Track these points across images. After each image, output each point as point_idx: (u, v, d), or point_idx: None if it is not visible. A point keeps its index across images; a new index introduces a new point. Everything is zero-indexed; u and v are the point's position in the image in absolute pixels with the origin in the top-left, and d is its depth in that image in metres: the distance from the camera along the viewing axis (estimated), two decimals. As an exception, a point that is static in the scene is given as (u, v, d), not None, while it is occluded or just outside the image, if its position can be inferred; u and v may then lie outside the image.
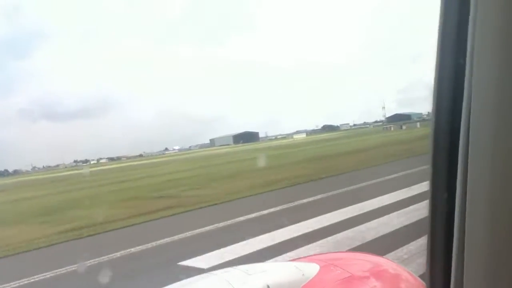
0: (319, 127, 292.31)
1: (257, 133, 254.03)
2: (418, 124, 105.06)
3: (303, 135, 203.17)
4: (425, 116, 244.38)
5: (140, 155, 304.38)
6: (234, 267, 2.58)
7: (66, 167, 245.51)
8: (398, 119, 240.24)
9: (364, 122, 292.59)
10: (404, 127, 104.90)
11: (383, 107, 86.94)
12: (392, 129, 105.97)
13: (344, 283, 2.48)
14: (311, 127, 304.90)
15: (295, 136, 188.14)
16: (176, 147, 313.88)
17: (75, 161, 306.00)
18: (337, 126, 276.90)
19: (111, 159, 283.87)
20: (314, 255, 3.29)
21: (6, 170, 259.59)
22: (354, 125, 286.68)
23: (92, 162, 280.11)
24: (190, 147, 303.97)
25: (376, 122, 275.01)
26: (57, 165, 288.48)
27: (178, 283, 2.40)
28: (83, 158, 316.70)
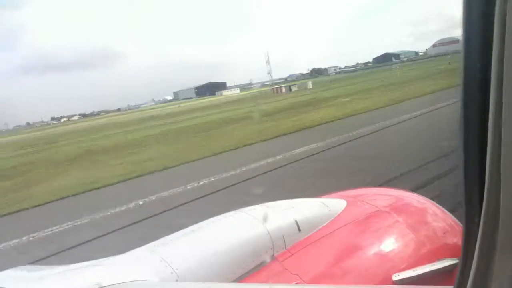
0: (309, 70, 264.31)
1: (223, 83, 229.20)
2: (310, 83, 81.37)
3: (237, 91, 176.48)
4: (421, 54, 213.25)
5: (118, 109, 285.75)
6: (261, 204, 2.58)
7: (42, 125, 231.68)
8: (387, 59, 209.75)
9: (357, 63, 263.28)
10: (294, 88, 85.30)
11: (267, 61, 59.91)
12: (283, 90, 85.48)
13: (371, 217, 2.52)
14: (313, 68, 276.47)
15: (224, 93, 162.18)
16: (169, 97, 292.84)
17: (52, 118, 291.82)
18: (325, 69, 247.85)
19: (84, 115, 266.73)
20: (340, 191, 3.17)
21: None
22: (346, 66, 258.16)
23: (62, 120, 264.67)
24: (171, 99, 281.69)
25: (368, 63, 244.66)
26: (28, 123, 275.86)
27: (206, 220, 2.44)
28: (59, 115, 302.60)
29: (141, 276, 1.92)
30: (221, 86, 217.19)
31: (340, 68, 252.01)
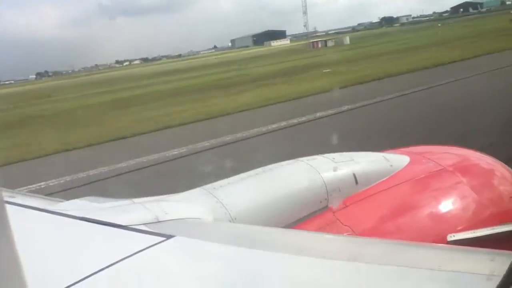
0: (379, 19, 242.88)
1: (283, 32, 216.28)
2: (347, 38, 73.22)
3: (287, 42, 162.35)
4: (509, 3, 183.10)
5: (179, 55, 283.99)
6: (321, 154, 2.58)
7: (107, 67, 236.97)
8: (467, 7, 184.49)
9: (433, 13, 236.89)
10: (330, 43, 78.61)
11: (304, 12, 51.61)
12: (319, 45, 78.74)
13: (433, 176, 2.47)
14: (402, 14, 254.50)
15: (272, 44, 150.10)
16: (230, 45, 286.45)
17: (116, 61, 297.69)
18: (396, 19, 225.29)
19: (145, 60, 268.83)
20: (404, 147, 3.08)
21: (46, 72, 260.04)
22: (420, 15, 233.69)
23: (124, 64, 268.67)
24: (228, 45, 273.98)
25: (445, 12, 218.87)
26: (96, 65, 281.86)
27: (264, 167, 2.46)
28: (123, 58, 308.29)
29: (196, 214, 2.01)
30: (280, 34, 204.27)
31: (413, 18, 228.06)
